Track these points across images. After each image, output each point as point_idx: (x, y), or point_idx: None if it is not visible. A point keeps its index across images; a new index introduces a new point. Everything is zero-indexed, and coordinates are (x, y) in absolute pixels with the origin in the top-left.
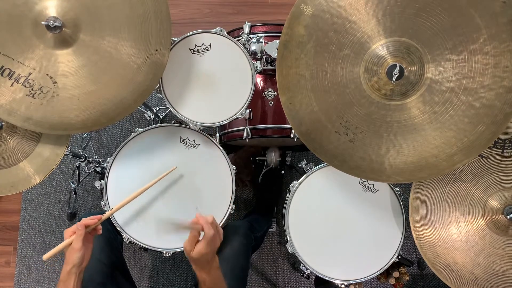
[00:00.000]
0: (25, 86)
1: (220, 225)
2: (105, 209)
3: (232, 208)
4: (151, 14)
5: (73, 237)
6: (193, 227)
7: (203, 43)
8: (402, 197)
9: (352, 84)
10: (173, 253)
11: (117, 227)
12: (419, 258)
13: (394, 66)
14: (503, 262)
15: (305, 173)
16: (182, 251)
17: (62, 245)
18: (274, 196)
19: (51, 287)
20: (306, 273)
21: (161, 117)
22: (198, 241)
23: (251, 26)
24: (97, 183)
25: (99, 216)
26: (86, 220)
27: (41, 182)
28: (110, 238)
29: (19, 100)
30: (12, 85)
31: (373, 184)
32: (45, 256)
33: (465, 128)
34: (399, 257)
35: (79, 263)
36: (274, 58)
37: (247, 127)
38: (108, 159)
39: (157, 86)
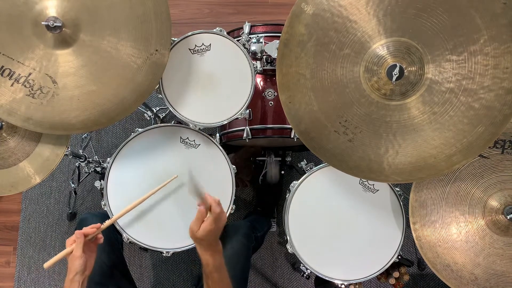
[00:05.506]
0: (25, 86)
1: None
2: (105, 209)
3: (232, 208)
4: (151, 14)
5: (73, 245)
6: (203, 202)
7: (203, 43)
8: (402, 197)
9: (352, 83)
10: (173, 253)
11: (117, 227)
12: (419, 258)
13: (394, 66)
14: (503, 262)
15: (305, 173)
16: (182, 251)
17: (63, 254)
18: (274, 196)
19: (51, 287)
20: (306, 273)
21: (161, 117)
22: (203, 221)
23: (251, 26)
24: (97, 183)
25: (98, 224)
26: (86, 229)
27: (41, 182)
28: (110, 238)
29: (19, 100)
30: (12, 85)
31: (373, 184)
32: (46, 265)
33: (464, 129)
34: (399, 257)
35: (81, 271)
36: (274, 58)
37: (247, 127)
38: (108, 159)
39: (157, 86)
